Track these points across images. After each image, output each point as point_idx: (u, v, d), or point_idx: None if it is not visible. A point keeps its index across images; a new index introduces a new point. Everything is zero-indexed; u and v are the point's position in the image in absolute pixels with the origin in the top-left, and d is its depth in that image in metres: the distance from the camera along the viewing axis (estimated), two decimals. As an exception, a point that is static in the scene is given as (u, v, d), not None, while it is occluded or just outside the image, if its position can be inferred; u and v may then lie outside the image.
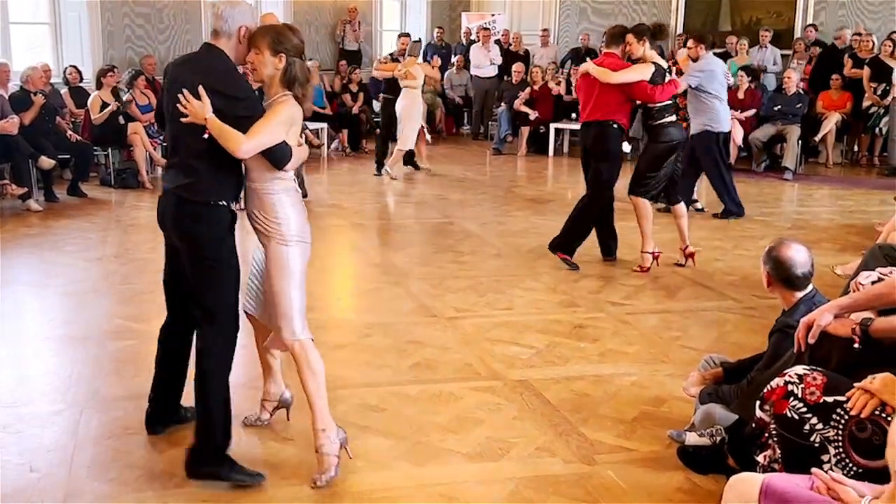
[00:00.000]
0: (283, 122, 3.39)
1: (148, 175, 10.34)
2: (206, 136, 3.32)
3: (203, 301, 3.51)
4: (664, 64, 6.69)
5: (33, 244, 7.47)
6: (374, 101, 14.20)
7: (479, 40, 15.15)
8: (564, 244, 6.89)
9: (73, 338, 5.22)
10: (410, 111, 11.02)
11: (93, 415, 4.12)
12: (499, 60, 14.93)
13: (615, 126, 6.68)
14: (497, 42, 15.44)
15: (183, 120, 3.35)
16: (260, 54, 3.44)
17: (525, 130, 13.35)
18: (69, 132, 9.86)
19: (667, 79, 6.56)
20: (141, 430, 3.95)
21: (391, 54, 12.28)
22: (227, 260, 3.50)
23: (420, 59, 11.67)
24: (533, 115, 13.25)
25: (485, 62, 14.85)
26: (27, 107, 9.18)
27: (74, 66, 10.92)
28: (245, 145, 3.29)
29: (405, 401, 4.33)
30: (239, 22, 3.47)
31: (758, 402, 3.11)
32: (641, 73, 6.49)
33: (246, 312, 3.81)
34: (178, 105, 3.34)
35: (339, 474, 3.54)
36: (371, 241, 8.13)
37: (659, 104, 6.56)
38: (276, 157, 3.38)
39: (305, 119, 3.78)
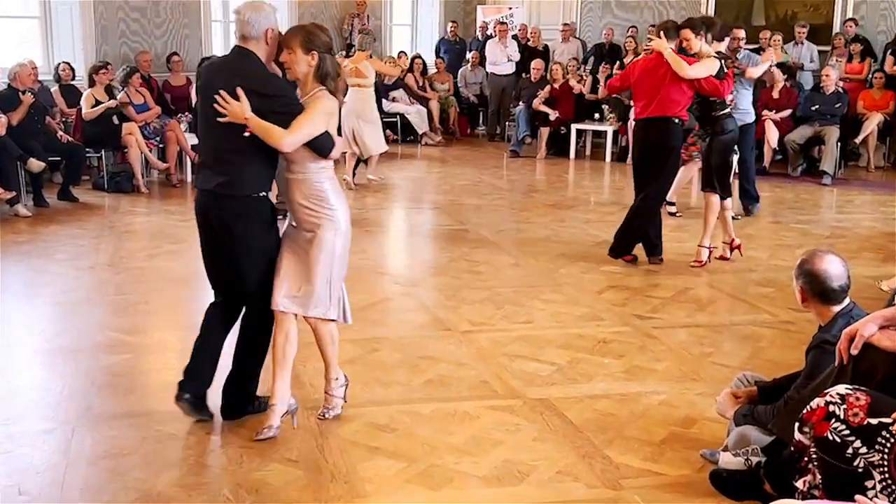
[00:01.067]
0: (322, 114, 3.89)
1: (143, 178, 10.40)
2: (246, 134, 3.80)
3: (251, 285, 4.06)
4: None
5: (22, 252, 7.52)
6: (384, 101, 14.28)
7: (495, 35, 15.17)
8: (624, 247, 7.21)
9: (64, 351, 5.25)
10: (363, 114, 10.27)
11: (85, 433, 4.14)
12: (516, 57, 14.94)
13: (677, 122, 6.94)
14: (514, 37, 15.46)
15: (220, 120, 3.82)
16: (293, 53, 3.91)
17: (544, 131, 13.36)
18: (60, 133, 9.92)
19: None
20: (136, 449, 3.97)
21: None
22: (273, 246, 4.07)
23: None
24: (553, 114, 13.26)
25: (501, 58, 14.85)
26: (15, 106, 9.24)
27: (67, 63, 10.98)
28: (288, 139, 3.80)
29: (417, 420, 4.33)
30: (264, 25, 3.94)
31: (797, 424, 3.09)
32: (710, 67, 6.76)
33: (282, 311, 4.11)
34: (215, 106, 3.81)
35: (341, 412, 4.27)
36: (379, 249, 8.14)
37: (719, 98, 6.90)
38: (320, 146, 3.90)
39: None
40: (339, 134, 4.94)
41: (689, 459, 3.93)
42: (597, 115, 13.31)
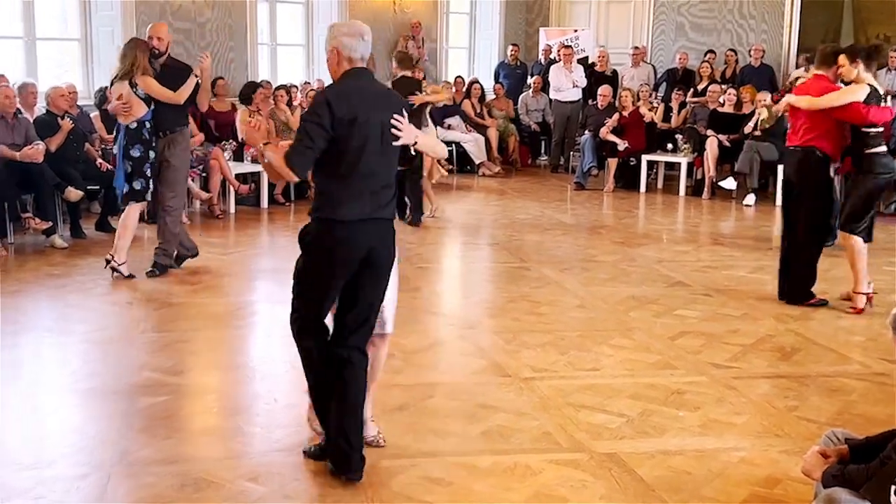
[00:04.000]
0: None
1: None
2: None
3: (381, 310, 4.32)
4: (881, 89, 6.89)
5: (57, 285, 7.68)
6: (439, 128, 14.40)
7: (559, 59, 15.25)
8: (802, 293, 7.22)
9: (99, 391, 5.34)
10: None
11: (121, 480, 4.20)
12: (583, 82, 14.99)
13: (818, 153, 6.94)
14: (581, 61, 15.51)
15: (395, 143, 4.10)
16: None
17: (612, 162, 13.35)
18: (99, 160, 10.12)
19: (882, 104, 6.81)
20: (175, 498, 4.01)
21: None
22: None
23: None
24: (622, 144, 13.25)
25: (566, 84, 14.92)
26: (54, 132, 9.47)
27: (108, 87, 11.22)
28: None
29: (474, 474, 4.32)
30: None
31: (893, 487, 3.04)
32: (854, 94, 6.74)
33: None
34: (392, 132, 4.07)
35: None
36: (433, 287, 8.17)
37: (873, 130, 6.78)
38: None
39: None
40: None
41: (772, 524, 3.87)
42: (669, 146, 13.27)
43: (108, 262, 7.76)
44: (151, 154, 7.69)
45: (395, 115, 4.07)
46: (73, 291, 7.48)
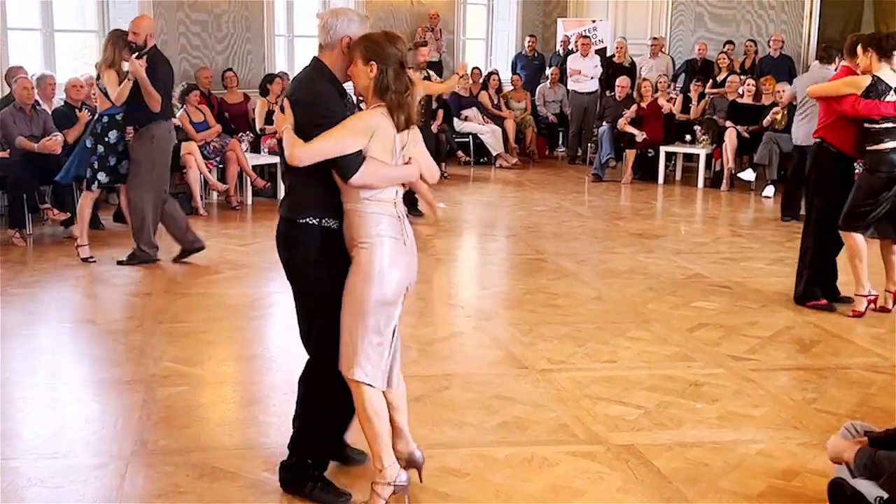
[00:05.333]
0: (353, 131, 3.60)
1: (202, 200, 10.60)
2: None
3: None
4: (891, 83, 6.49)
5: (75, 276, 7.73)
6: (456, 120, 14.40)
7: (577, 50, 15.21)
8: (805, 292, 7.02)
9: (117, 382, 5.37)
10: None
11: (139, 469, 4.23)
12: (597, 73, 14.94)
13: (825, 146, 6.80)
14: (598, 52, 15.46)
15: (278, 134, 3.75)
16: (355, 65, 3.72)
17: (630, 154, 13.30)
18: (117, 152, 10.16)
19: (892, 99, 6.48)
20: (192, 488, 4.04)
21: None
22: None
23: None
24: (640, 136, 13.19)
25: (587, 68, 14.86)
26: (72, 123, 9.51)
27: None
28: (298, 151, 3.58)
29: (491, 465, 4.33)
30: (342, 33, 3.77)
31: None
32: (851, 85, 6.56)
33: None
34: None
35: None
36: (449, 279, 8.18)
37: (875, 126, 6.49)
38: (340, 167, 3.60)
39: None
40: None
41: (790, 516, 3.86)
42: (688, 137, 13.20)
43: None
44: (100, 147, 7.77)
45: (278, 105, 3.82)
46: (92, 282, 7.53)
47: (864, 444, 3.74)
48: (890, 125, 6.49)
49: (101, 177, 7.83)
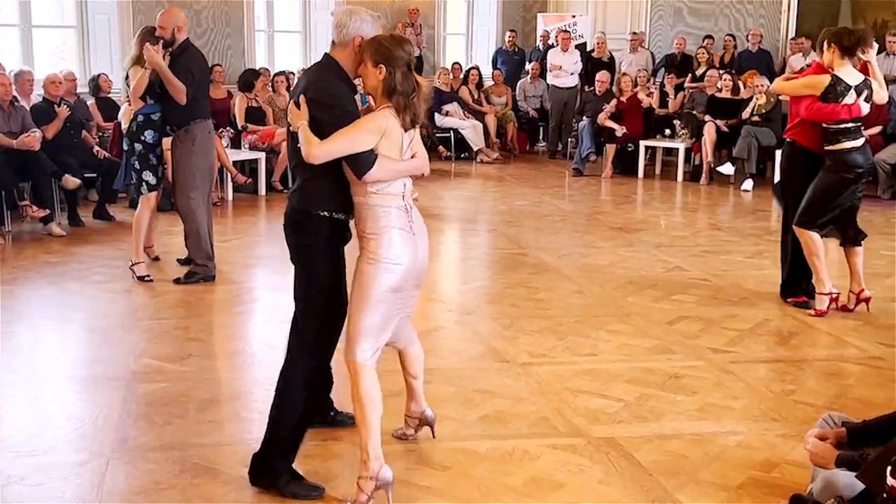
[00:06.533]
0: (364, 131, 3.79)
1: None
2: (299, 144, 3.82)
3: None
4: (851, 81, 6.39)
5: (55, 273, 7.68)
6: (437, 115, 14.38)
7: (557, 45, 15.22)
8: (784, 288, 7.01)
9: (97, 379, 5.34)
10: None
11: (120, 466, 4.21)
12: (579, 68, 14.96)
13: (796, 146, 6.75)
14: (578, 47, 15.48)
15: (292, 129, 3.91)
16: (365, 66, 3.89)
17: (610, 148, 13.33)
18: (96, 148, 10.11)
19: (851, 99, 6.37)
20: (174, 484, 4.02)
21: None
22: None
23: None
24: (620, 130, 13.23)
25: (567, 63, 14.87)
26: (50, 119, 9.45)
27: (105, 74, 11.21)
28: (314, 150, 3.76)
29: (472, 459, 4.33)
30: (354, 32, 3.94)
31: (889, 468, 3.04)
32: (810, 85, 6.50)
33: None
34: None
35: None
36: (430, 274, 8.10)
37: (833, 126, 6.41)
38: (354, 165, 3.79)
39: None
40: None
41: (769, 507, 3.88)
42: (668, 131, 13.24)
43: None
44: (138, 146, 7.22)
45: (292, 101, 3.94)
46: (71, 279, 7.48)
47: (842, 435, 3.76)
48: (848, 125, 6.42)
49: (149, 177, 7.28)
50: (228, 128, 11.54)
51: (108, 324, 6.39)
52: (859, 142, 6.51)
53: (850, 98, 6.39)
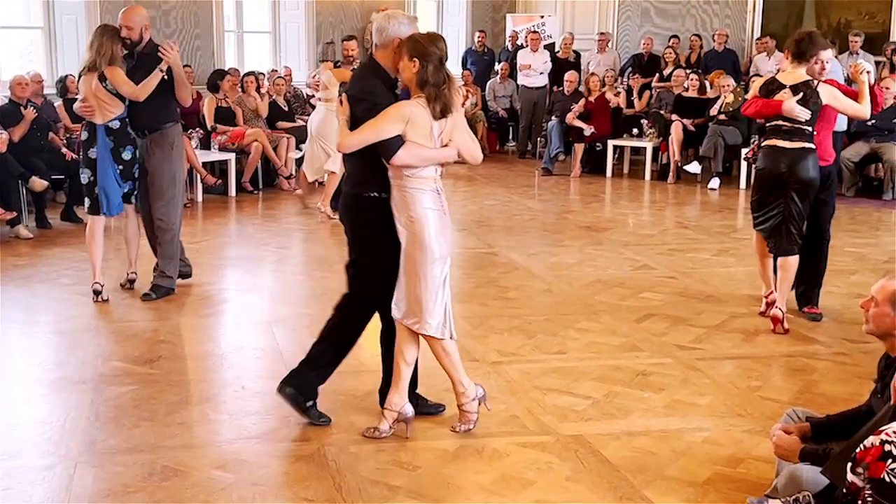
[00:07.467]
0: (387, 120, 4.23)
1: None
2: None
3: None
4: (787, 81, 6.31)
5: (22, 276, 7.61)
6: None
7: (526, 45, 15.26)
8: (803, 297, 6.80)
9: (65, 382, 5.30)
10: (323, 133, 9.89)
11: (88, 470, 4.18)
12: (548, 68, 15.00)
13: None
14: (547, 47, 15.53)
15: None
16: (402, 60, 4.33)
17: (579, 148, 13.38)
18: (64, 150, 10.03)
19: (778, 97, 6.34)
20: (142, 487, 4.00)
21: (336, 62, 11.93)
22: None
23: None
24: (588, 130, 13.27)
25: (536, 62, 14.90)
26: (17, 121, 9.37)
27: (72, 76, 11.11)
28: (345, 140, 4.31)
29: (442, 457, 4.35)
30: (393, 34, 4.40)
31: (849, 464, 3.07)
32: (755, 87, 6.60)
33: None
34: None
35: (476, 427, 4.57)
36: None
37: (768, 124, 6.44)
38: (381, 150, 4.25)
39: None
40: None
41: (735, 501, 3.91)
42: (635, 131, 13.31)
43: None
44: (139, 154, 6.88)
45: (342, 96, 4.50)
46: (39, 282, 7.42)
47: (806, 430, 3.80)
48: (779, 123, 6.31)
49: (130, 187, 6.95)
50: (198, 128, 11.49)
51: (75, 326, 6.34)
52: (774, 140, 6.35)
53: (780, 97, 6.30)
